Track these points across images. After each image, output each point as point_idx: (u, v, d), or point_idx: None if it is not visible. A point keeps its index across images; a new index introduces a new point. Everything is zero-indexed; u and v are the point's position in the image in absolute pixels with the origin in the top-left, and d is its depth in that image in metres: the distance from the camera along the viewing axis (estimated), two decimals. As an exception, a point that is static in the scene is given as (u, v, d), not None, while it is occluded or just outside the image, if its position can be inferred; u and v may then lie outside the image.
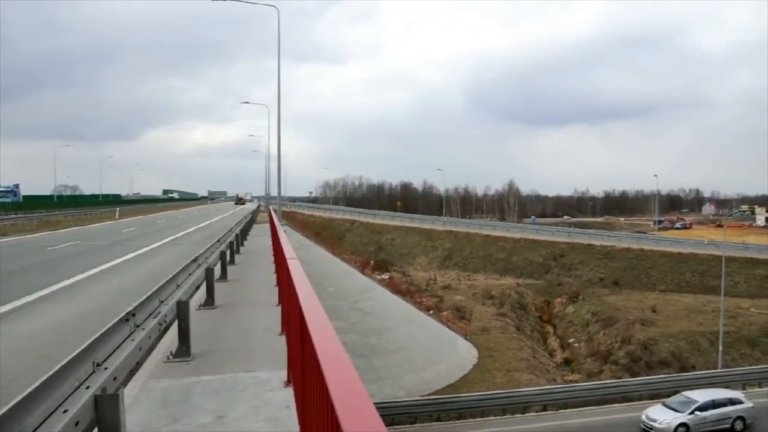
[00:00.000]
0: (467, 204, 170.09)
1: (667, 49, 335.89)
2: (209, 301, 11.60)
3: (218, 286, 12.66)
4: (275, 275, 13.69)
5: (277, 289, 11.55)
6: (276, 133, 36.36)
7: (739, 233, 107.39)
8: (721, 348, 40.43)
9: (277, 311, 9.72)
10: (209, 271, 11.64)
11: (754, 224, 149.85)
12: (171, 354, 7.60)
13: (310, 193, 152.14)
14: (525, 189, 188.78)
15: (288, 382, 6.27)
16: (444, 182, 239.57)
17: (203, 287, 11.62)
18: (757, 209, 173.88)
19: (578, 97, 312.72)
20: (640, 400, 32.13)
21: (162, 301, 7.23)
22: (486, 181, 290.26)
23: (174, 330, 7.63)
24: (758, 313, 51.10)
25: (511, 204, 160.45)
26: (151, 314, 6.51)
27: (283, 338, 7.54)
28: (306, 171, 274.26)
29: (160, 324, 6.54)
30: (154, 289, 7.12)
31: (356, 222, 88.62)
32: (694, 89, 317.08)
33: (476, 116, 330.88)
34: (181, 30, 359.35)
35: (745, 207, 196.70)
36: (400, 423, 28.10)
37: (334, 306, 37.20)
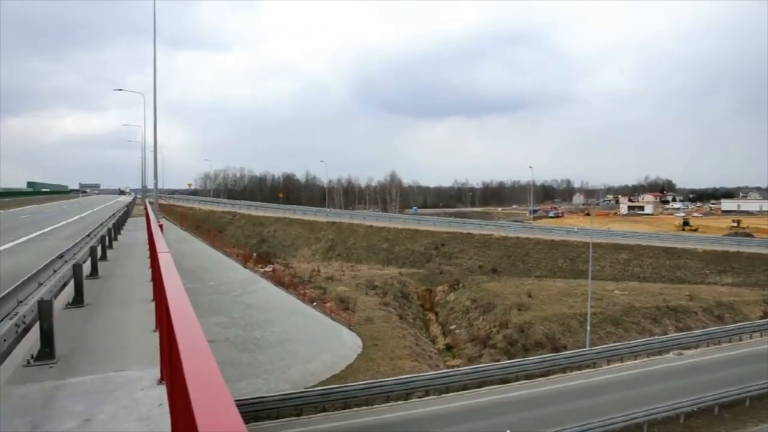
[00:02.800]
0: (350, 195, 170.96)
1: (541, 47, 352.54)
2: (78, 299, 10.95)
3: (88, 284, 11.99)
4: (151, 270, 13.16)
5: (152, 284, 11.09)
6: (152, 123, 34.81)
7: (605, 221, 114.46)
8: (589, 328, 42.90)
9: (152, 307, 9.33)
10: (77, 268, 11.00)
11: (618, 212, 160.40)
12: (32, 357, 7.09)
13: (190, 185, 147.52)
14: (407, 180, 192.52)
15: (161, 380, 6.02)
16: (327, 173, 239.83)
17: (71, 285, 10.99)
18: (621, 198, 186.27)
19: (459, 90, 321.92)
20: (516, 380, 33.62)
21: (21, 301, 6.74)
22: (369, 173, 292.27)
23: (36, 332, 7.13)
24: (621, 295, 54.64)
25: (393, 195, 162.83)
26: (7, 315, 6.05)
27: (157, 334, 7.23)
28: (186, 162, 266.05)
29: (18, 325, 6.10)
30: (11, 288, 6.62)
31: (238, 214, 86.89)
32: (564, 85, 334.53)
33: (360, 107, 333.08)
34: (42, 8, 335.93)
35: (610, 196, 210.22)
36: (286, 416, 27.90)
37: (216, 300, 36.42)
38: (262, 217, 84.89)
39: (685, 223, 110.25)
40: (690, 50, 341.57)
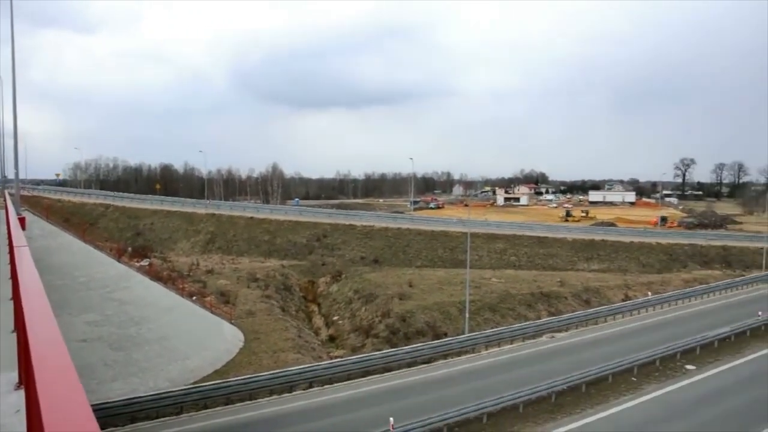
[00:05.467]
0: (231, 186, 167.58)
1: (421, 42, 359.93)
2: None
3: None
4: (9, 266, 12.24)
5: (11, 281, 10.30)
6: (11, 107, 32.50)
7: (483, 212, 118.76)
8: (467, 315, 44.23)
9: (11, 306, 8.66)
10: None
11: (495, 203, 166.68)
12: None
13: (58, 175, 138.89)
14: (289, 171, 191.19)
15: (20, 384, 5.58)
16: (206, 164, 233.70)
17: None
18: (498, 190, 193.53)
19: (339, 81, 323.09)
20: (399, 368, 34.18)
21: None
22: (250, 164, 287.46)
23: None
24: (498, 282, 56.79)
25: (275, 186, 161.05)
26: None
27: (15, 336, 6.71)
28: (52, 151, 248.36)
29: None
30: None
31: (111, 206, 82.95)
32: (445, 80, 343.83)
33: (240, 97, 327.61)
34: None
35: (488, 188, 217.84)
36: (166, 415, 26.96)
37: (86, 297, 34.63)
38: (137, 210, 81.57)
39: (568, 214, 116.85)
40: (567, 52, 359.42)
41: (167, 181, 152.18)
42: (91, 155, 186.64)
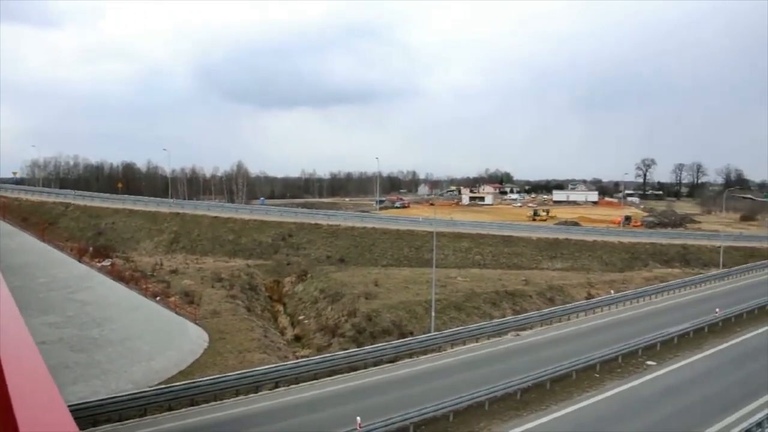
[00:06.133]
0: (195, 185, 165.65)
1: (389, 42, 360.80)
2: None
3: None
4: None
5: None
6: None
7: (449, 211, 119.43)
8: (434, 314, 44.47)
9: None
10: None
11: (460, 203, 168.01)
12: None
13: (15, 173, 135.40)
14: (254, 170, 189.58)
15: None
16: (170, 163, 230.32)
17: None
18: (463, 189, 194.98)
19: (305, 80, 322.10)
20: (365, 367, 34.26)
21: None
22: (214, 162, 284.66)
23: None
24: (463, 281, 57.22)
25: (239, 185, 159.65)
26: None
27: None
28: (9, 149, 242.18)
29: None
30: None
31: (71, 205, 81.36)
32: (410, 79, 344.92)
33: (204, 95, 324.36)
34: None
35: (453, 187, 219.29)
36: (129, 417, 26.57)
37: (47, 298, 34.02)
38: (98, 209, 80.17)
39: (535, 214, 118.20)
40: (531, 52, 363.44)
41: (130, 180, 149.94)
42: (51, 153, 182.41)
